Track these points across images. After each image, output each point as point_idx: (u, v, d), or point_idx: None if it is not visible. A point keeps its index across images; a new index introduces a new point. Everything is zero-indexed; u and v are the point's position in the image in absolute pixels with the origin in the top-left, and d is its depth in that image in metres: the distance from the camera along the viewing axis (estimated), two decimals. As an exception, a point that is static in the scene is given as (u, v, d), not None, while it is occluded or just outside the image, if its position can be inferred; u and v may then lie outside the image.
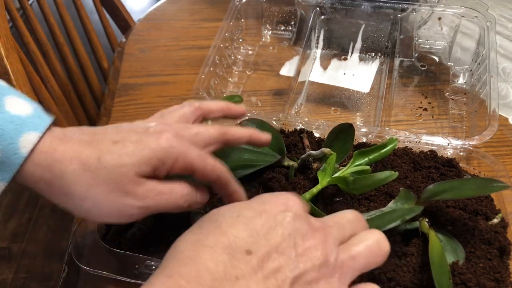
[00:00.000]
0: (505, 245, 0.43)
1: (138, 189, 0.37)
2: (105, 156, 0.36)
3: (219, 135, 0.42)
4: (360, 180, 0.44)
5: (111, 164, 0.36)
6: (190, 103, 0.45)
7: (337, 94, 0.68)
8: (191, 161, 0.39)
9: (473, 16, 0.69)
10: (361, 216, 0.36)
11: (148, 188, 0.37)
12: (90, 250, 0.45)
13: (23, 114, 0.36)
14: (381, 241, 0.33)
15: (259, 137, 0.45)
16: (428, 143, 0.54)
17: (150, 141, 0.38)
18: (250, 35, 0.79)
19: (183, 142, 0.39)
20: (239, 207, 0.33)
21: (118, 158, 0.36)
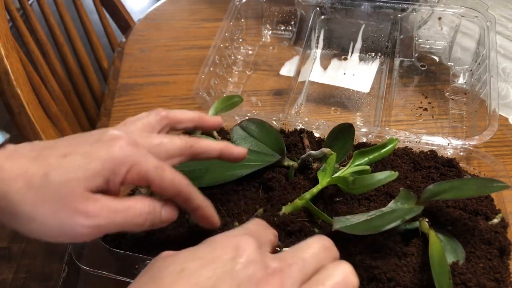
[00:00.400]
0: (505, 245, 0.43)
1: (88, 206, 0.34)
2: (51, 172, 0.33)
3: (185, 147, 0.40)
4: (360, 180, 0.44)
5: (58, 180, 0.33)
6: (157, 111, 0.42)
7: (337, 94, 0.68)
8: (146, 172, 0.35)
9: (473, 16, 0.69)
10: (329, 243, 0.33)
11: (100, 204, 0.34)
12: (90, 250, 0.45)
13: None
14: (349, 276, 0.30)
15: (231, 152, 0.43)
16: (428, 143, 0.54)
17: (101, 151, 0.35)
18: (250, 35, 0.79)
19: (139, 151, 0.36)
20: (184, 258, 0.30)
21: (65, 173, 0.33)
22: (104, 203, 0.34)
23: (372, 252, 0.42)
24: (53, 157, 0.34)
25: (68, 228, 0.33)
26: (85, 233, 0.34)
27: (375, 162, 0.51)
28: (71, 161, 0.34)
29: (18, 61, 0.68)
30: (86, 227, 0.33)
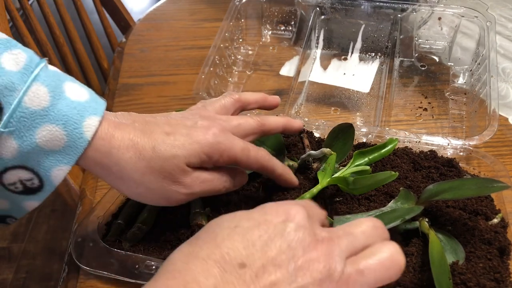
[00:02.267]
0: (505, 245, 0.43)
1: (186, 178, 0.40)
2: (159, 146, 0.39)
3: (258, 125, 0.45)
4: (360, 181, 0.44)
5: (165, 154, 0.39)
6: (230, 94, 0.48)
7: (337, 94, 0.68)
8: (235, 155, 0.42)
9: (473, 16, 0.69)
10: (380, 224, 0.34)
11: (194, 177, 0.41)
12: (90, 250, 0.45)
13: (82, 99, 0.38)
14: (396, 255, 0.31)
15: (292, 124, 0.49)
16: (428, 143, 0.54)
17: (199, 135, 0.40)
18: (250, 35, 0.79)
19: (228, 136, 0.42)
20: (239, 217, 0.32)
21: (171, 149, 0.39)
22: (197, 176, 0.41)
23: (372, 252, 0.42)
24: (158, 133, 0.40)
25: (169, 194, 0.40)
26: (182, 199, 0.41)
27: (375, 162, 0.51)
28: (174, 139, 0.40)
29: (18, 61, 0.68)
30: (183, 194, 0.41)
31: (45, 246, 1.48)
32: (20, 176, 0.36)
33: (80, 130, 0.36)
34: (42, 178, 0.37)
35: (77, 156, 0.37)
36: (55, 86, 0.36)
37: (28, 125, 0.35)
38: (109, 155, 0.38)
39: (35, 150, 0.35)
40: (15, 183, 0.36)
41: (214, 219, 0.33)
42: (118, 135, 0.38)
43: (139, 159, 0.38)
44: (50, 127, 0.35)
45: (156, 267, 0.43)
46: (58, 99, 0.36)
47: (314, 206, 0.36)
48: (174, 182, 0.40)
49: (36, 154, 0.36)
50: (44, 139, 0.35)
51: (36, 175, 0.36)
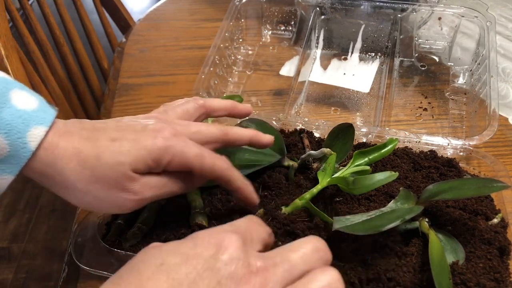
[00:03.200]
0: (505, 245, 0.43)
1: (134, 185, 0.38)
2: (103, 154, 0.37)
3: (220, 134, 0.43)
4: (360, 181, 0.44)
5: (109, 162, 0.37)
6: (195, 99, 0.46)
7: (337, 94, 0.68)
8: (187, 161, 0.39)
9: (473, 16, 0.69)
10: (321, 245, 0.32)
11: (143, 183, 0.39)
12: (90, 250, 0.45)
13: (29, 108, 0.37)
14: (334, 283, 0.29)
15: (261, 138, 0.46)
16: (428, 143, 0.54)
17: (147, 140, 0.38)
18: (250, 35, 0.79)
19: (181, 141, 0.39)
20: (166, 251, 0.30)
21: (115, 156, 0.38)
22: (146, 181, 0.39)
23: (372, 252, 0.42)
24: (103, 140, 0.38)
25: (118, 202, 0.39)
26: (131, 206, 0.39)
27: (375, 162, 0.51)
28: (120, 146, 0.38)
29: (18, 61, 0.68)
30: (132, 201, 0.39)
31: (45, 246, 1.48)
32: None
33: (23, 140, 0.36)
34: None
35: (20, 166, 0.36)
36: (0, 94, 0.36)
37: None
38: (53, 165, 0.37)
39: None
40: None
41: (141, 251, 0.31)
42: (62, 144, 0.37)
43: (83, 168, 0.37)
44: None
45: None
46: (3, 107, 0.35)
47: (257, 225, 0.34)
48: (122, 189, 0.38)
49: None
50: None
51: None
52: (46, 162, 0.37)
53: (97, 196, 0.38)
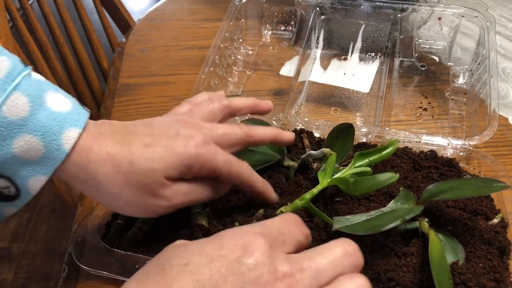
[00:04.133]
0: (505, 245, 0.43)
1: (166, 191, 0.39)
2: (136, 160, 0.38)
3: (245, 136, 0.44)
4: (360, 182, 0.44)
5: (142, 168, 0.38)
6: (219, 100, 0.46)
7: (337, 94, 0.68)
8: (216, 168, 0.41)
9: (473, 16, 0.69)
10: (353, 249, 0.31)
11: (174, 189, 0.40)
12: (90, 250, 0.45)
13: (63, 110, 0.37)
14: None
15: (283, 136, 0.47)
16: (428, 143, 0.54)
17: (179, 147, 0.39)
18: (250, 35, 0.79)
19: (211, 148, 0.41)
20: (191, 251, 0.30)
21: (148, 163, 0.38)
22: (177, 188, 0.40)
23: (372, 252, 0.42)
24: (136, 145, 0.39)
25: (149, 207, 0.40)
26: (162, 211, 0.41)
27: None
28: (153, 152, 0.38)
29: (18, 61, 0.68)
30: (163, 207, 0.40)
31: (45, 246, 1.48)
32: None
33: (58, 142, 0.36)
34: (18, 187, 0.36)
35: (54, 168, 0.36)
36: (36, 96, 0.36)
37: (5, 135, 0.34)
38: (86, 169, 0.37)
39: (12, 160, 0.35)
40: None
41: (167, 248, 0.32)
42: (95, 148, 0.38)
43: (116, 173, 0.38)
44: (28, 137, 0.35)
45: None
46: (38, 109, 0.36)
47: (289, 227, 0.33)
48: (153, 195, 0.39)
49: (13, 163, 0.35)
50: (21, 149, 0.35)
51: (12, 183, 0.36)
52: (79, 165, 0.37)
53: (129, 201, 0.39)
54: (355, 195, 0.48)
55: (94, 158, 0.37)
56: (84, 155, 0.37)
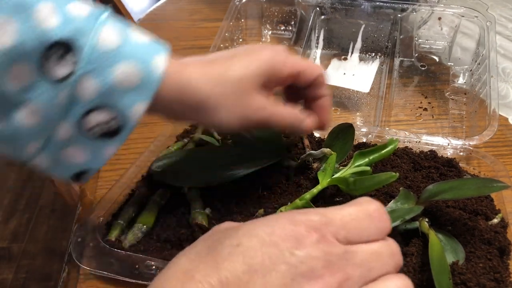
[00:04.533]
0: (505, 245, 0.43)
1: (257, 101, 0.41)
2: (228, 71, 0.40)
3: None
4: (360, 181, 0.44)
5: (235, 77, 0.40)
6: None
7: (337, 94, 0.68)
8: (294, 65, 0.42)
9: (473, 16, 0.69)
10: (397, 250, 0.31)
11: (266, 102, 0.42)
12: (90, 250, 0.45)
13: (146, 41, 0.39)
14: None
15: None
16: (428, 143, 0.54)
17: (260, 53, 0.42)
18: (250, 35, 0.79)
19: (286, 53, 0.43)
20: (243, 232, 0.29)
21: (239, 71, 0.40)
22: (266, 102, 0.42)
23: (372, 252, 0.42)
24: (224, 60, 0.41)
25: (243, 116, 0.41)
26: (254, 122, 0.42)
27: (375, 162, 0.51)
28: (240, 60, 0.41)
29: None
30: (256, 117, 0.41)
31: (45, 246, 1.48)
32: (100, 118, 0.36)
33: (152, 66, 0.37)
34: (121, 118, 0.37)
35: (152, 91, 0.37)
36: (123, 28, 0.37)
37: (106, 63, 0.35)
38: (184, 88, 0.39)
39: (113, 89, 0.36)
40: (95, 127, 0.37)
41: (216, 230, 0.31)
42: (187, 70, 0.40)
43: (215, 86, 0.39)
44: (125, 63, 0.36)
45: (156, 267, 0.43)
46: (127, 39, 0.37)
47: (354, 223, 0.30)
48: (248, 104, 0.41)
49: (114, 92, 0.36)
50: (121, 76, 0.36)
51: (115, 115, 0.37)
52: (177, 86, 0.39)
53: (228, 111, 0.40)
54: (355, 195, 0.48)
55: (188, 75, 0.39)
56: (179, 76, 0.39)
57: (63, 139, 0.37)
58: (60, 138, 0.37)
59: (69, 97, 0.35)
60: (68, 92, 0.35)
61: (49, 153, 0.38)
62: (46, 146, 0.37)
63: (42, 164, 0.38)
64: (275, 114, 0.42)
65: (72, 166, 0.39)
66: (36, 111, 0.35)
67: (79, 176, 0.40)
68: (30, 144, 0.37)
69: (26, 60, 0.33)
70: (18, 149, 0.37)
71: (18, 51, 0.33)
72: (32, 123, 0.35)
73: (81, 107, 0.36)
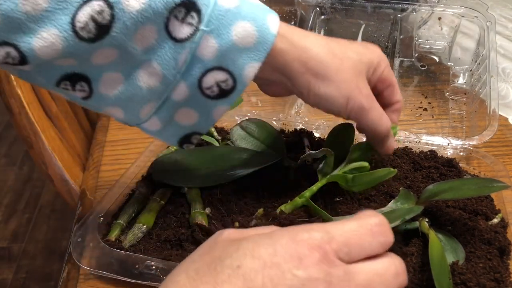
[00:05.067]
0: (505, 245, 0.43)
1: (365, 88, 0.41)
2: (348, 50, 0.41)
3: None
4: (359, 178, 0.44)
5: (354, 57, 0.41)
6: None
7: (337, 94, 0.68)
8: (392, 75, 0.44)
9: (473, 16, 0.69)
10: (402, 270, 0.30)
11: (371, 93, 0.42)
12: (90, 250, 0.45)
13: (259, 2, 0.39)
14: None
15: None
16: (428, 143, 0.54)
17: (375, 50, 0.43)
18: (250, 35, 0.79)
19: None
20: (244, 252, 0.28)
21: (356, 54, 0.41)
22: (371, 94, 0.42)
23: (372, 252, 0.42)
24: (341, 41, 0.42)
25: (349, 96, 0.40)
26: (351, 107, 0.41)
27: (375, 163, 0.51)
28: (357, 47, 0.42)
29: (18, 61, 0.68)
30: (357, 102, 0.40)
31: (45, 246, 1.48)
32: (217, 78, 0.37)
33: (267, 26, 0.37)
34: (235, 78, 0.38)
35: (267, 51, 0.37)
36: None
37: (224, 23, 0.36)
38: (309, 50, 0.39)
39: (231, 48, 0.37)
40: (212, 86, 0.38)
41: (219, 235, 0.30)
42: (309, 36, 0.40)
43: (334, 57, 0.40)
44: (243, 23, 0.36)
45: (156, 267, 0.43)
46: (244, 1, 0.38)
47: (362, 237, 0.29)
48: (356, 86, 0.40)
49: (232, 52, 0.37)
50: (239, 35, 0.36)
51: (230, 75, 0.37)
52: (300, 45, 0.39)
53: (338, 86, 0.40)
54: (355, 194, 0.48)
55: (313, 41, 0.39)
56: (303, 38, 0.39)
57: (179, 100, 0.38)
58: (176, 99, 0.38)
59: (190, 57, 0.36)
60: (190, 52, 0.36)
61: (162, 115, 0.39)
62: (161, 107, 0.39)
63: (152, 127, 0.40)
64: (377, 110, 0.42)
65: (182, 127, 0.41)
66: (158, 72, 0.37)
67: (186, 139, 0.41)
68: (146, 105, 0.38)
69: (152, 22, 0.35)
70: (135, 111, 0.39)
71: (145, 14, 0.34)
72: (152, 83, 0.37)
73: (201, 67, 0.37)
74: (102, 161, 0.61)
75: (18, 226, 1.54)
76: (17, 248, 1.48)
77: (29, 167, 1.72)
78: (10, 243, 1.49)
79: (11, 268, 1.42)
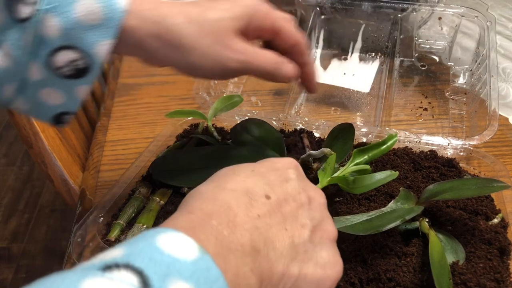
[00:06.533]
0: (505, 245, 0.43)
1: (237, 43, 0.40)
2: (207, 11, 0.40)
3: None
4: (360, 180, 0.44)
5: (214, 17, 0.40)
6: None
7: (337, 94, 0.68)
8: (276, 20, 0.42)
9: (473, 16, 0.69)
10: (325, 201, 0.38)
11: (245, 45, 0.41)
12: (90, 250, 0.45)
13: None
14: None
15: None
16: (428, 143, 0.54)
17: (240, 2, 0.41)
18: (250, 35, 0.79)
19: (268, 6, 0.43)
20: (252, 165, 0.35)
21: (219, 12, 0.40)
22: (246, 46, 0.41)
23: (372, 252, 0.42)
24: (205, 2, 0.41)
25: (223, 61, 0.40)
26: (235, 67, 0.40)
27: (375, 162, 0.51)
28: (222, 4, 0.41)
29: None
30: (236, 61, 0.40)
31: (45, 246, 1.48)
32: (68, 57, 0.37)
33: (113, 1, 0.36)
34: (88, 56, 0.37)
35: (116, 28, 0.37)
36: None
37: (65, 2, 0.35)
38: (160, 22, 0.38)
39: (77, 26, 0.36)
40: (64, 66, 0.37)
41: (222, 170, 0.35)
42: (164, 6, 0.39)
43: (190, 24, 0.39)
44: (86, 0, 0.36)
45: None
46: None
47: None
48: (226, 47, 0.40)
49: (78, 30, 0.36)
50: (83, 13, 0.36)
51: (82, 53, 0.37)
52: (152, 21, 0.38)
53: (203, 52, 0.39)
54: (355, 195, 0.48)
55: (166, 12, 0.39)
56: (155, 11, 0.38)
57: (37, 80, 0.38)
58: (34, 79, 0.38)
59: (34, 37, 0.36)
60: (33, 32, 0.36)
61: (27, 95, 0.39)
62: (22, 88, 0.38)
63: (22, 106, 0.40)
64: (256, 57, 0.41)
65: (50, 107, 0.40)
66: (8, 53, 0.36)
67: (59, 119, 0.41)
68: (6, 86, 0.38)
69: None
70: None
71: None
72: (5, 65, 0.37)
73: (47, 47, 0.36)
74: (102, 161, 0.61)
75: (18, 226, 1.54)
76: (17, 248, 1.48)
77: (29, 167, 1.72)
78: (10, 243, 1.49)
79: (11, 268, 1.42)
